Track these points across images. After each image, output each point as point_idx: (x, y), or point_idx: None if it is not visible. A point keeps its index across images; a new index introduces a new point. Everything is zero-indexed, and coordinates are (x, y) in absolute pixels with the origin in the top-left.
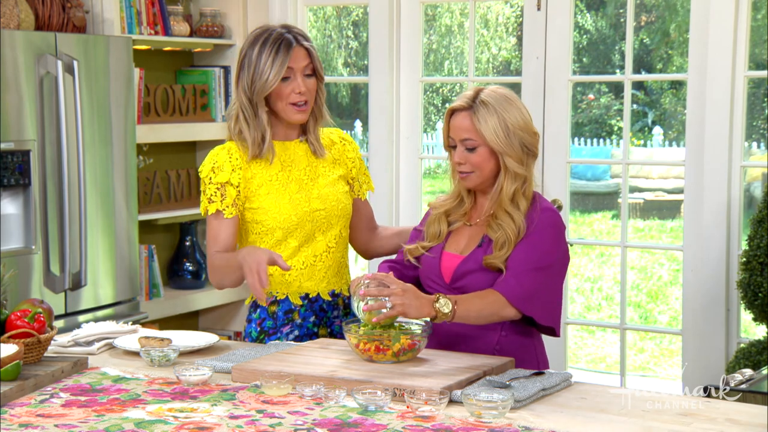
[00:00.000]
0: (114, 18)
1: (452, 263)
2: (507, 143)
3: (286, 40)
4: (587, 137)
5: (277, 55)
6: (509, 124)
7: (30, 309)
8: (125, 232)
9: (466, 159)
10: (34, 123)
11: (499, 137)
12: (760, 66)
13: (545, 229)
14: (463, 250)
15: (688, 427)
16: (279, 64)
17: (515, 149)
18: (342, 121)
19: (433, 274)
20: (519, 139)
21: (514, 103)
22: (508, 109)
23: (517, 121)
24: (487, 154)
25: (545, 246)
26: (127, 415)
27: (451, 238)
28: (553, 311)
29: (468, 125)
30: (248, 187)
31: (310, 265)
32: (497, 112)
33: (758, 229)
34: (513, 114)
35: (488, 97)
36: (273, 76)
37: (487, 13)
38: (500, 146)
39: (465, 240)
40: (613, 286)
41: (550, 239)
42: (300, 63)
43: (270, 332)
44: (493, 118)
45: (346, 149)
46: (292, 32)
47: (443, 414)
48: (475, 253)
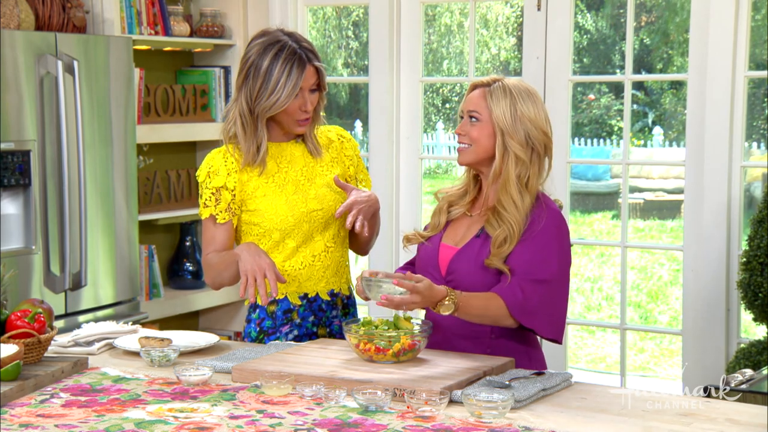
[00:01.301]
0: (114, 18)
1: (448, 255)
2: (512, 126)
3: (300, 58)
4: (587, 137)
5: (290, 76)
6: (518, 111)
7: (30, 309)
8: (125, 232)
9: (466, 131)
10: (34, 123)
11: (506, 117)
12: (760, 66)
13: (554, 237)
14: (458, 242)
15: (688, 427)
16: (292, 86)
17: (519, 135)
18: (342, 121)
19: (430, 266)
20: (525, 129)
21: (532, 97)
22: (524, 98)
23: (528, 112)
24: (488, 131)
25: (552, 255)
26: (128, 416)
27: (450, 229)
28: (556, 323)
29: (479, 99)
30: (244, 190)
31: (308, 265)
32: (512, 97)
33: (758, 229)
34: (526, 104)
35: (509, 83)
36: (285, 97)
37: (487, 13)
38: (505, 125)
39: (462, 230)
40: (614, 286)
41: (558, 246)
42: (309, 82)
43: (269, 332)
44: (506, 100)
45: (344, 147)
46: (303, 48)
47: (443, 414)
48: (470, 245)
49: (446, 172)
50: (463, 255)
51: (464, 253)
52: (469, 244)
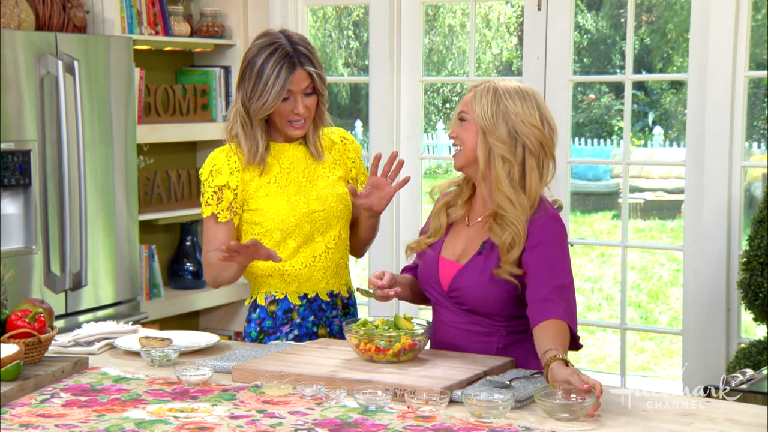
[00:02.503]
0: (114, 18)
1: (449, 271)
2: (491, 123)
3: (290, 61)
4: (588, 137)
5: (278, 78)
6: (502, 106)
7: (30, 309)
8: (126, 232)
9: (456, 132)
10: (34, 123)
11: (486, 114)
12: (760, 66)
13: (562, 247)
14: (459, 257)
15: (688, 427)
16: (279, 88)
17: (500, 132)
18: (342, 121)
19: (432, 281)
20: (510, 123)
21: (522, 94)
22: (511, 95)
23: (513, 107)
24: (474, 129)
25: (564, 259)
26: (128, 415)
27: (448, 240)
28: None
29: (468, 100)
30: (246, 189)
31: (309, 265)
32: (495, 94)
33: (759, 229)
34: (513, 100)
35: (501, 83)
36: (272, 99)
37: (489, 13)
38: (485, 123)
39: (462, 244)
40: (614, 286)
41: (565, 251)
42: (300, 85)
43: (269, 332)
44: (488, 97)
45: (347, 149)
46: (297, 51)
47: (444, 414)
48: (473, 262)
49: (446, 172)
50: (466, 273)
51: (468, 271)
52: (473, 261)
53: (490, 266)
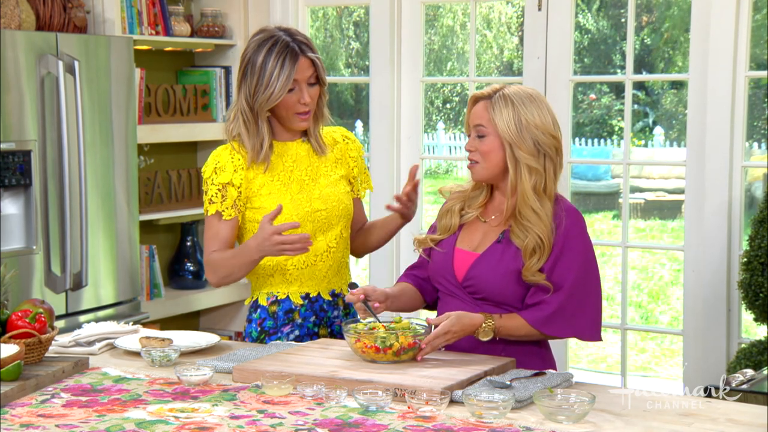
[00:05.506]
0: (115, 18)
1: (466, 261)
2: (518, 136)
3: (292, 51)
4: (588, 137)
5: (282, 68)
6: (523, 119)
7: (31, 309)
8: (126, 232)
9: (475, 147)
10: (35, 123)
11: (510, 129)
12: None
13: (582, 249)
14: (477, 247)
15: (688, 428)
16: (285, 78)
17: (527, 145)
18: (343, 121)
19: (446, 272)
20: (532, 136)
21: (535, 102)
22: (527, 105)
23: (532, 119)
24: (496, 144)
25: (590, 258)
26: (128, 416)
27: (464, 233)
28: (598, 323)
29: (483, 112)
30: (250, 188)
31: (310, 264)
32: (514, 106)
33: (759, 229)
34: (530, 111)
35: (510, 91)
36: (278, 90)
37: (489, 12)
38: (510, 137)
39: (479, 236)
40: (614, 286)
41: (588, 247)
42: (305, 74)
43: (270, 332)
44: (509, 110)
45: (349, 148)
46: (297, 41)
47: (444, 414)
48: (491, 250)
49: (447, 172)
50: (484, 261)
51: (485, 259)
52: (490, 250)
53: (509, 255)
